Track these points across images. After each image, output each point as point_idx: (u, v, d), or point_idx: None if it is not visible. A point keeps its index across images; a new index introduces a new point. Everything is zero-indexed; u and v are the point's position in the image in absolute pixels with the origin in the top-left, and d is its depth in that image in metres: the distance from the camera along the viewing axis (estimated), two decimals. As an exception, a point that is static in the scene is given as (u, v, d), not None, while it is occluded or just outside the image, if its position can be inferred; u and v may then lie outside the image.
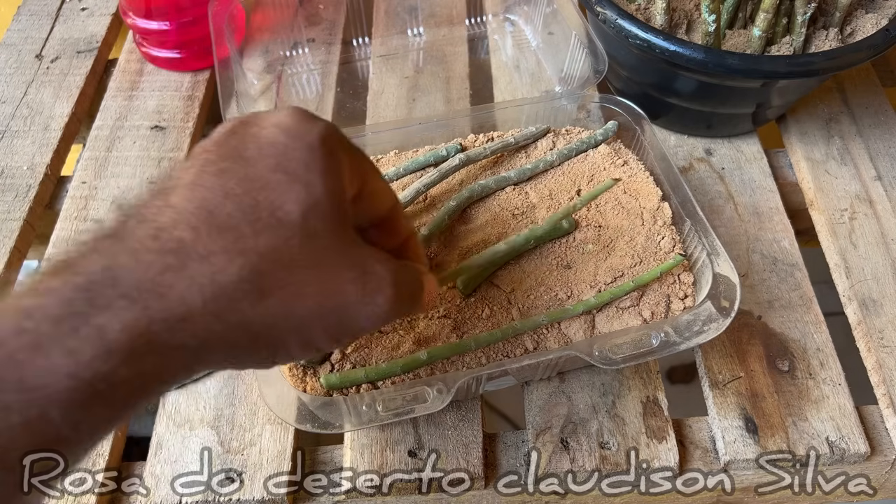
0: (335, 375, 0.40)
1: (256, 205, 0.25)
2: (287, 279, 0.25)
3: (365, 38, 0.70)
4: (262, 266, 0.25)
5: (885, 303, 0.49)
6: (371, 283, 0.28)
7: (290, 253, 0.25)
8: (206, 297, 0.24)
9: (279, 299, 0.25)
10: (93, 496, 0.42)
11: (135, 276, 0.23)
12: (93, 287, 0.22)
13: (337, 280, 0.27)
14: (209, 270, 0.24)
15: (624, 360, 0.40)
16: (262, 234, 0.25)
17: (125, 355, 0.22)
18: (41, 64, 0.67)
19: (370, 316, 0.29)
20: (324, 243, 0.27)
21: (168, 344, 0.23)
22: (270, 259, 0.25)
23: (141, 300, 0.23)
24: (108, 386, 0.22)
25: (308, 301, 0.26)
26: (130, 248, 0.23)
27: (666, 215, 0.46)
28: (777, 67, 0.49)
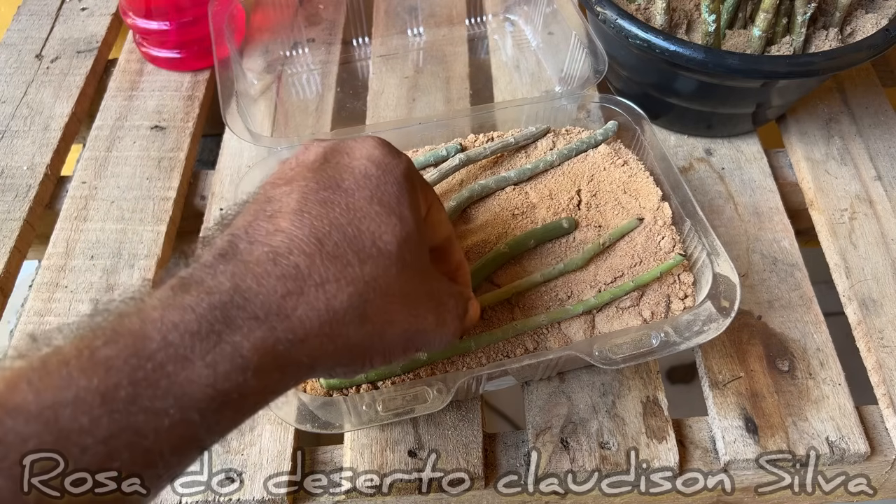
0: (335, 375, 0.40)
1: (359, 235, 0.28)
2: (384, 306, 0.28)
3: (365, 38, 0.70)
4: (366, 294, 0.28)
5: (885, 303, 0.49)
6: (444, 313, 0.32)
7: (388, 282, 0.28)
8: (322, 321, 0.26)
9: (376, 324, 0.28)
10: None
11: (260, 298, 0.25)
12: (225, 307, 0.25)
13: (420, 309, 0.31)
14: (324, 297, 0.26)
15: (624, 360, 0.40)
16: (367, 264, 0.28)
17: (255, 370, 0.25)
18: (41, 64, 0.67)
19: (439, 341, 0.33)
20: (413, 274, 0.30)
21: (289, 361, 0.26)
22: (373, 287, 0.28)
23: (268, 321, 0.25)
24: (239, 396, 0.24)
25: (397, 327, 0.29)
26: (254, 272, 0.26)
27: (666, 215, 0.46)
28: (777, 67, 0.49)
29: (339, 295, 0.27)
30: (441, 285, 0.33)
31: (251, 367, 0.24)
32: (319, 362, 0.27)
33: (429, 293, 0.31)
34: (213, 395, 0.24)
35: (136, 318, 0.24)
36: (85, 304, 0.50)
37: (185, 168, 0.58)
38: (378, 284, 0.28)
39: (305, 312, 0.26)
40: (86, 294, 0.51)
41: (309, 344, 0.26)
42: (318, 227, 0.27)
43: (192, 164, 0.60)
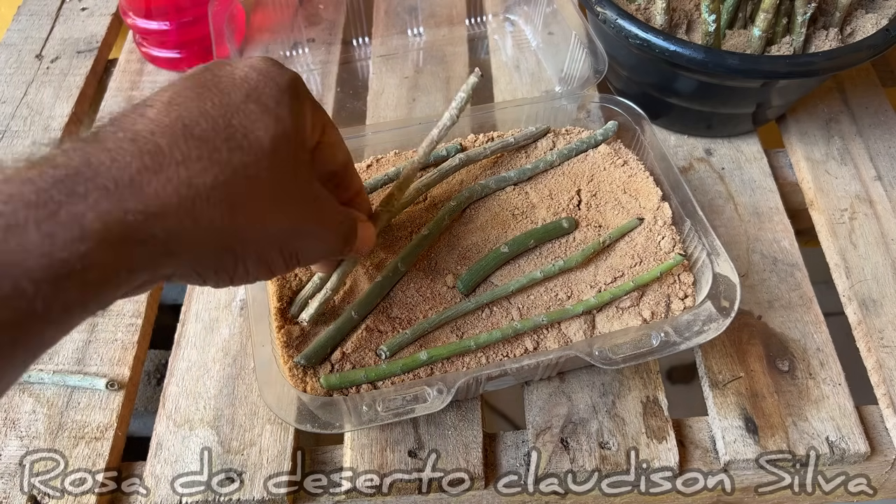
0: (335, 376, 0.40)
1: (230, 126, 0.27)
2: (254, 197, 0.28)
3: (365, 38, 0.70)
4: (234, 180, 0.27)
5: (885, 303, 0.49)
6: (325, 220, 0.32)
7: (258, 173, 0.28)
8: (181, 197, 0.25)
9: (247, 215, 0.28)
10: (93, 496, 0.42)
11: (112, 172, 0.24)
12: (70, 179, 0.24)
13: (296, 209, 0.30)
14: (186, 174, 0.26)
15: (624, 360, 0.40)
16: (236, 152, 0.27)
17: (99, 241, 0.23)
18: (41, 64, 0.67)
19: (319, 248, 0.32)
20: (288, 173, 0.29)
21: (143, 236, 0.25)
22: (242, 175, 0.27)
23: (117, 192, 0.24)
24: (81, 268, 0.23)
25: (271, 223, 0.29)
26: (108, 148, 0.25)
27: (666, 215, 0.46)
28: (777, 67, 0.49)
29: (203, 175, 0.26)
30: (323, 194, 0.32)
31: (94, 237, 0.23)
32: (181, 243, 0.26)
33: (308, 197, 0.31)
34: (48, 265, 0.22)
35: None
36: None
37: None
38: (248, 174, 0.27)
39: (163, 186, 0.25)
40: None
41: (166, 220, 0.25)
42: (186, 116, 0.27)
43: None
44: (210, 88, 0.28)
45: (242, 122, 0.28)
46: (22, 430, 0.45)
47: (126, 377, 0.47)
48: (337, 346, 0.41)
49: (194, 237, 0.26)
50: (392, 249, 0.45)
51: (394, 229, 0.47)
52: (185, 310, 0.50)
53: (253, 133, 0.28)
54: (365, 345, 0.41)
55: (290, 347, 0.41)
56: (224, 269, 0.29)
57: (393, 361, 0.40)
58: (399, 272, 0.44)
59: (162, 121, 0.26)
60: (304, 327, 0.42)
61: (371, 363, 0.41)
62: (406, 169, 0.43)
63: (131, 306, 0.50)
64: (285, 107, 0.29)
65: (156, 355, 0.71)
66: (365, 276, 0.44)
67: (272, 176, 0.28)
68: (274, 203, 0.29)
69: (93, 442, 0.44)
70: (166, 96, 0.28)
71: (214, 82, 0.29)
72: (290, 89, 0.30)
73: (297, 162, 0.30)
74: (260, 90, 0.29)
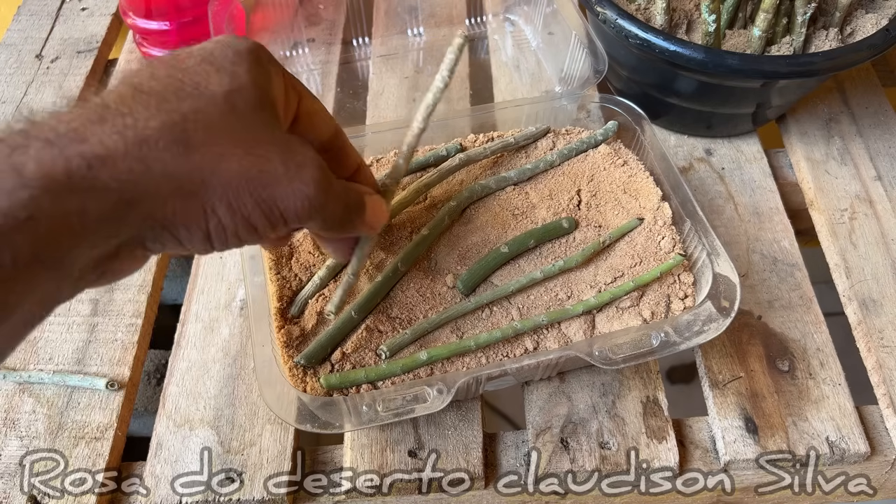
0: (335, 376, 0.40)
1: (181, 83, 0.27)
2: (210, 139, 0.27)
3: (365, 38, 0.70)
4: (184, 124, 0.26)
5: (885, 303, 0.49)
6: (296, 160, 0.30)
7: (211, 117, 0.27)
8: (127, 143, 0.25)
9: (202, 155, 0.27)
10: (93, 496, 0.42)
11: (53, 126, 0.24)
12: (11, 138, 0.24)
13: (261, 151, 0.29)
14: (131, 122, 0.25)
15: (624, 360, 0.40)
16: (185, 100, 0.27)
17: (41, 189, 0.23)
18: (41, 64, 0.67)
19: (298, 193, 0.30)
20: (247, 120, 0.28)
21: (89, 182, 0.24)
22: (192, 119, 0.27)
23: (59, 143, 0.24)
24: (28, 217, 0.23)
25: (232, 163, 0.27)
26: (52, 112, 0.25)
27: (666, 215, 0.46)
28: (777, 67, 0.49)
29: (150, 121, 0.26)
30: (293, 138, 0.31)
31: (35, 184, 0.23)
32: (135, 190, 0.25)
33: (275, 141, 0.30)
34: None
35: None
36: (84, 304, 0.50)
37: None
38: (199, 118, 0.27)
39: (107, 135, 0.25)
40: (85, 294, 0.50)
41: (113, 165, 0.25)
42: (136, 81, 0.27)
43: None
44: (164, 61, 0.29)
45: (193, 78, 0.28)
46: (22, 430, 0.45)
47: (126, 377, 0.47)
48: (337, 346, 0.41)
49: (148, 183, 0.26)
50: (392, 249, 0.45)
51: (394, 229, 0.47)
52: (185, 310, 0.50)
53: (204, 86, 0.28)
54: (365, 345, 0.41)
55: (290, 347, 0.41)
56: (195, 221, 0.28)
57: (393, 361, 0.40)
58: (399, 272, 0.44)
59: (112, 88, 0.27)
60: (303, 327, 0.42)
61: (371, 363, 0.41)
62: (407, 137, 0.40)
63: (131, 306, 0.50)
64: (241, 66, 0.29)
65: (156, 355, 0.71)
66: (365, 276, 0.44)
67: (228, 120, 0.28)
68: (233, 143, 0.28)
69: (93, 442, 0.44)
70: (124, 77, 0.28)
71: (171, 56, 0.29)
72: (249, 54, 0.30)
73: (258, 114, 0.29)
74: (215, 54, 0.29)
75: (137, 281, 0.51)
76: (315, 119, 0.34)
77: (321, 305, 0.43)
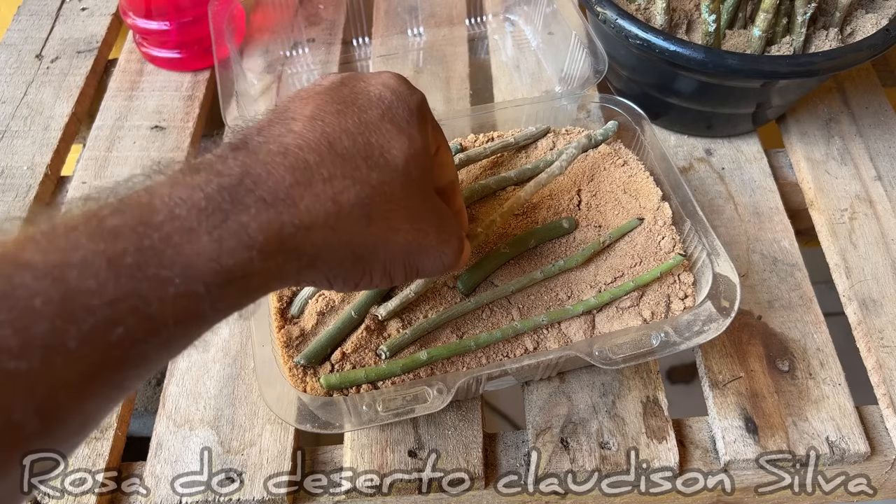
0: (335, 375, 0.40)
1: (369, 144, 0.30)
2: (389, 213, 0.30)
3: (365, 38, 0.70)
4: (373, 197, 0.29)
5: (885, 303, 0.49)
6: (446, 233, 0.33)
7: (393, 190, 0.30)
8: (327, 213, 0.27)
9: (380, 229, 0.30)
10: (93, 496, 0.42)
11: (269, 184, 0.26)
12: (234, 189, 0.25)
13: (423, 224, 0.32)
14: (331, 191, 0.28)
15: (624, 360, 0.40)
16: (374, 170, 0.29)
17: (259, 250, 0.25)
18: (41, 64, 0.67)
19: (438, 263, 0.34)
20: (417, 191, 0.31)
21: (293, 248, 0.27)
22: (379, 192, 0.29)
23: (275, 206, 0.26)
24: (243, 275, 0.25)
25: (400, 236, 0.31)
26: (263, 161, 0.27)
27: (666, 215, 0.46)
28: (777, 67, 0.49)
29: (346, 192, 0.28)
30: (444, 208, 0.34)
31: (256, 246, 0.25)
32: (322, 256, 0.28)
33: (432, 211, 0.33)
34: (217, 270, 0.24)
35: (145, 193, 0.24)
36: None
37: (185, 168, 0.58)
38: (384, 191, 0.29)
39: (312, 202, 0.27)
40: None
41: (314, 234, 0.27)
42: (330, 133, 0.29)
43: (192, 164, 0.60)
44: (349, 105, 0.30)
45: (379, 140, 0.30)
46: (22, 430, 0.45)
47: (126, 377, 0.47)
48: (337, 346, 0.41)
49: (335, 250, 0.28)
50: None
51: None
52: (185, 310, 0.50)
53: (389, 152, 0.30)
54: (365, 345, 0.41)
55: (290, 347, 0.41)
56: (353, 277, 0.31)
57: (393, 361, 0.40)
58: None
59: (307, 136, 0.28)
60: (303, 327, 0.42)
61: (371, 363, 0.41)
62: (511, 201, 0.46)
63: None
64: (415, 127, 0.31)
65: (156, 355, 0.71)
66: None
67: (404, 193, 0.30)
68: (404, 219, 0.31)
69: (93, 442, 0.44)
70: (308, 110, 0.29)
71: (352, 98, 0.31)
72: (418, 110, 0.32)
73: (424, 180, 0.32)
74: (394, 110, 0.31)
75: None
76: (443, 168, 0.37)
77: (321, 305, 0.43)
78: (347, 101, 0.31)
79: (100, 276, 0.22)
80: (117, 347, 0.22)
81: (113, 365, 0.22)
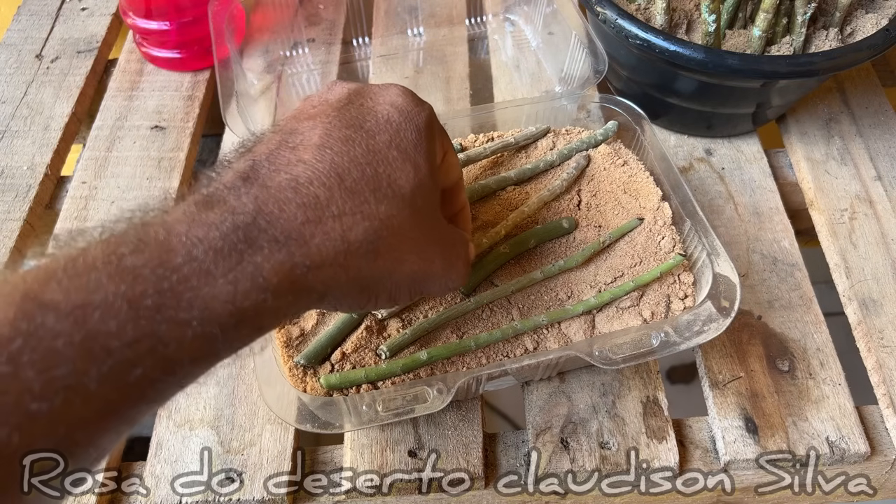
0: (335, 375, 0.40)
1: (377, 176, 0.29)
2: (395, 245, 0.30)
3: (365, 38, 0.70)
4: (381, 231, 0.29)
5: (885, 303, 0.49)
6: (452, 258, 0.34)
7: (400, 222, 0.30)
8: (337, 251, 0.28)
9: (387, 261, 0.30)
10: (93, 496, 0.42)
11: (281, 223, 0.26)
12: (248, 228, 0.26)
13: (429, 253, 0.32)
14: (341, 228, 0.28)
15: (624, 360, 0.40)
16: (382, 203, 0.29)
17: (273, 291, 0.26)
18: (41, 64, 0.67)
19: (445, 286, 0.34)
20: (423, 218, 0.31)
21: (304, 286, 0.27)
22: (387, 225, 0.29)
23: (287, 246, 0.26)
24: (256, 314, 0.25)
25: (406, 266, 0.31)
26: (276, 197, 0.27)
27: (666, 215, 0.46)
28: (777, 67, 0.49)
29: (355, 228, 0.28)
30: (449, 232, 0.34)
31: (270, 287, 0.25)
32: (331, 291, 0.28)
33: (438, 239, 0.33)
34: (232, 312, 0.24)
35: (162, 230, 0.25)
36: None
37: (185, 168, 0.59)
38: (392, 224, 0.29)
39: (323, 241, 0.27)
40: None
41: (324, 272, 0.27)
42: (339, 163, 0.29)
43: (192, 164, 0.60)
44: (357, 129, 0.30)
45: (387, 170, 0.30)
46: (22, 430, 0.45)
47: (126, 377, 0.47)
48: (337, 346, 0.41)
49: (343, 286, 0.29)
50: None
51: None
52: (185, 310, 0.50)
53: (396, 182, 0.30)
54: (365, 345, 0.41)
55: (290, 347, 0.41)
56: (358, 304, 0.31)
57: (393, 361, 0.40)
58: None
59: (317, 167, 0.28)
60: (303, 327, 0.42)
61: (371, 363, 0.41)
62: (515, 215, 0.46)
63: (131, 306, 0.50)
64: (423, 153, 0.31)
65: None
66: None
67: (411, 224, 0.30)
68: (410, 249, 0.31)
69: (93, 442, 0.44)
70: (316, 137, 0.29)
71: (360, 122, 0.31)
72: (426, 129, 0.32)
73: (430, 207, 0.32)
74: (401, 135, 0.31)
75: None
76: (449, 171, 0.37)
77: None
78: (355, 124, 0.30)
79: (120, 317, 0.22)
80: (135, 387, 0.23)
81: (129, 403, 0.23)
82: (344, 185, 0.28)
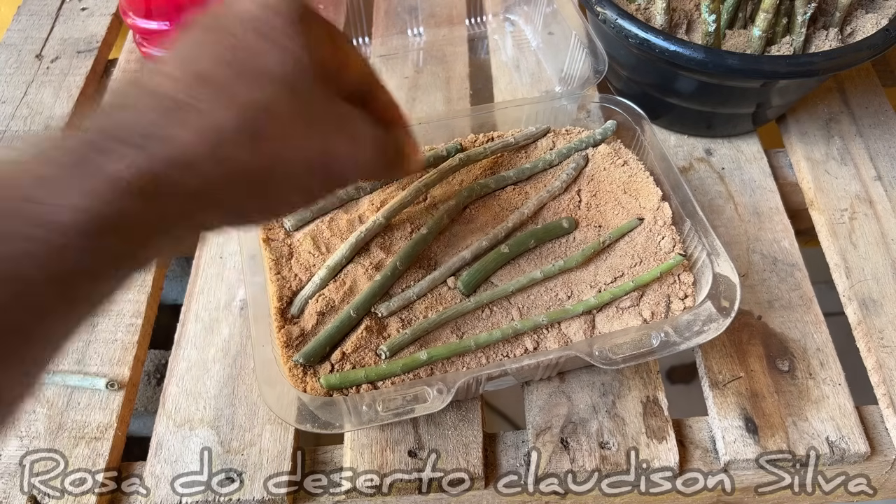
0: (335, 375, 0.40)
1: (243, 67, 0.28)
2: (278, 129, 0.28)
3: (365, 38, 0.70)
4: (254, 115, 0.27)
5: (885, 303, 0.49)
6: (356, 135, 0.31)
7: (277, 105, 0.28)
8: (206, 143, 0.26)
9: (273, 147, 0.28)
10: (93, 496, 0.42)
11: (138, 128, 0.25)
12: (101, 140, 0.25)
13: (325, 133, 0.30)
14: (208, 120, 0.26)
15: (624, 360, 0.40)
16: (253, 89, 0.28)
17: (134, 194, 0.24)
18: (41, 64, 0.67)
19: (354, 166, 0.32)
20: (309, 100, 0.29)
21: (173, 185, 0.25)
22: (261, 108, 0.27)
23: (147, 147, 0.25)
24: (120, 219, 0.24)
25: (299, 151, 0.29)
26: (131, 107, 0.26)
27: (666, 215, 0.46)
28: (777, 67, 0.49)
29: (224, 117, 0.27)
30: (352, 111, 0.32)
31: (132, 190, 0.24)
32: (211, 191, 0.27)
33: (337, 119, 0.31)
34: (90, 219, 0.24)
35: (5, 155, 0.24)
36: (85, 304, 0.50)
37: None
38: (267, 107, 0.28)
39: (189, 136, 0.26)
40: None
41: (197, 168, 0.26)
42: (200, 64, 0.27)
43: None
44: (214, 31, 0.29)
45: (255, 59, 0.28)
46: (22, 430, 0.45)
47: (126, 377, 0.47)
48: (337, 345, 0.41)
49: (225, 182, 0.27)
50: (391, 249, 0.45)
51: (393, 229, 0.47)
52: (185, 310, 0.50)
53: (265, 67, 0.28)
54: (365, 345, 0.41)
55: (290, 347, 0.41)
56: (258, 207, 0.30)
57: (393, 361, 0.40)
58: (398, 271, 0.44)
59: (175, 74, 0.27)
60: (303, 327, 0.42)
61: (371, 363, 0.41)
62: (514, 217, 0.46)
63: (131, 306, 0.50)
64: (291, 37, 0.29)
65: (156, 355, 0.71)
66: (364, 275, 0.44)
67: (295, 108, 0.29)
68: (299, 134, 0.29)
69: (93, 442, 0.44)
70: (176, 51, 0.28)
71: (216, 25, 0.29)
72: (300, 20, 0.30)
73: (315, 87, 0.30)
74: (267, 25, 0.29)
75: (137, 281, 0.51)
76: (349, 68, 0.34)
77: (321, 305, 0.43)
78: (212, 28, 0.29)
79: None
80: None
81: None
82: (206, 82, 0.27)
